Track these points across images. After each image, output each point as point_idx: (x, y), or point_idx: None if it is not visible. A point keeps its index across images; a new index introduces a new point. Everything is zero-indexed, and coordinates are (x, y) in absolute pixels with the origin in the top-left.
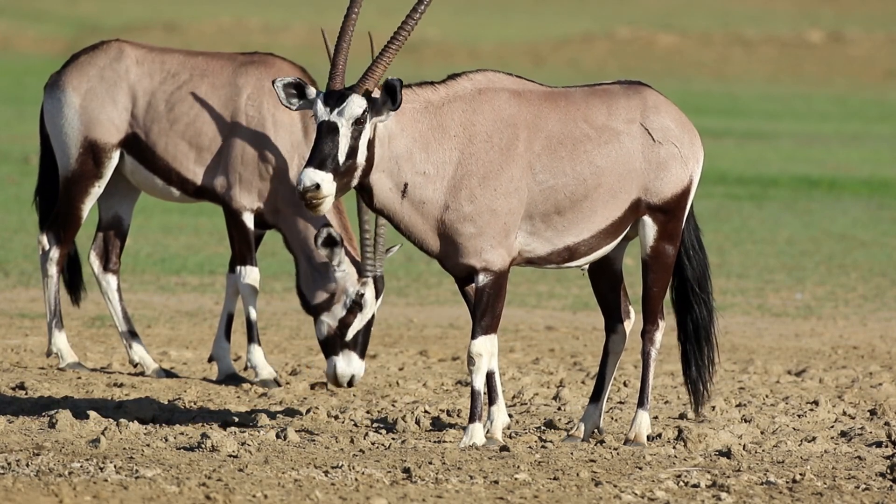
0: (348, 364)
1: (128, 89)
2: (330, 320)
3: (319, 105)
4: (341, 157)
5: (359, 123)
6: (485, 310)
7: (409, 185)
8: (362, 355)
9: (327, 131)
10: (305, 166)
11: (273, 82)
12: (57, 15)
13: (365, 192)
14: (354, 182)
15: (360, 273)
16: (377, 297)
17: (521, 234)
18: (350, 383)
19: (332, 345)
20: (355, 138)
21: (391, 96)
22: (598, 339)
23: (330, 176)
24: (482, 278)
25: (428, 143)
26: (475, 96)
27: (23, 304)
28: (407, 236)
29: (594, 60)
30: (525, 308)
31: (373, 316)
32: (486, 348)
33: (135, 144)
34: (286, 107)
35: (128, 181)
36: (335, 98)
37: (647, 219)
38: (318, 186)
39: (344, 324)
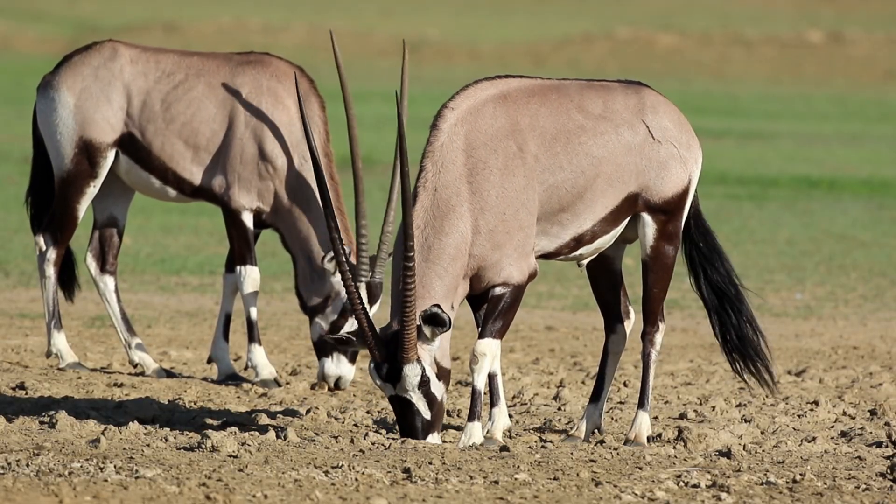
0: (337, 366)
1: (122, 88)
2: (323, 322)
3: (377, 380)
4: (427, 414)
5: (424, 384)
6: (497, 315)
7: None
8: (353, 359)
9: (401, 405)
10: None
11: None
12: (57, 15)
13: None
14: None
15: (354, 278)
16: (373, 303)
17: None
18: (337, 385)
19: (323, 346)
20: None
21: (437, 324)
22: (598, 339)
23: (437, 435)
24: (499, 290)
25: (441, 228)
26: (455, 140)
27: (23, 304)
28: None
29: (594, 60)
30: (525, 308)
31: None
32: (492, 350)
33: (130, 144)
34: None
35: (122, 182)
36: (390, 373)
37: (647, 217)
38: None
39: (335, 327)
